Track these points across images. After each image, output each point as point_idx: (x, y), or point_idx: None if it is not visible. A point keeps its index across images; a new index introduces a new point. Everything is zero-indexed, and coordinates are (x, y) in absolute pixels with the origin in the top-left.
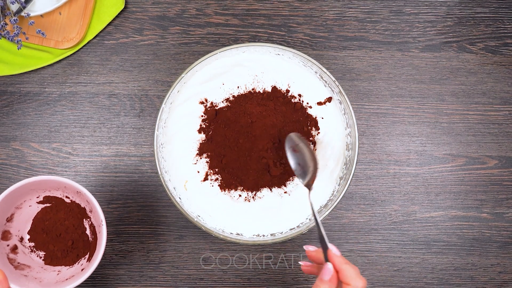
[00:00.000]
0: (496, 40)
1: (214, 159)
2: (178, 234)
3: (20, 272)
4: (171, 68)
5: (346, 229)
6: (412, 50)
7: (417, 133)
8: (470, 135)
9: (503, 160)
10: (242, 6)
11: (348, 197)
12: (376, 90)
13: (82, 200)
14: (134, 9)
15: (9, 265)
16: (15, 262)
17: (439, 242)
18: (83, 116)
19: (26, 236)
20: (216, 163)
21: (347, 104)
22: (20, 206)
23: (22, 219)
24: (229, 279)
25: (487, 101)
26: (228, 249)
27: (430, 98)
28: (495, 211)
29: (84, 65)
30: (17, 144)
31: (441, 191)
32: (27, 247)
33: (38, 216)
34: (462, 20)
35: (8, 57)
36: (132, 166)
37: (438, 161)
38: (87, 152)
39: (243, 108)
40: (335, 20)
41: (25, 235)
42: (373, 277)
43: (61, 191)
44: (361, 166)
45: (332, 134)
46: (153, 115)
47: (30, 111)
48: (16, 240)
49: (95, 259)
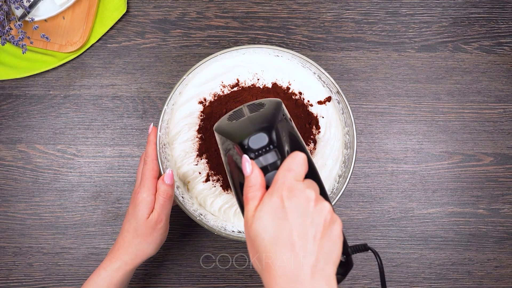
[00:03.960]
0: (490, 39)
1: (213, 161)
2: (181, 233)
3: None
4: (173, 70)
5: (346, 226)
6: (408, 50)
7: (414, 132)
8: (465, 133)
9: (498, 157)
10: (242, 9)
11: (347, 195)
12: (374, 90)
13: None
14: (136, 13)
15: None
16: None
17: (436, 238)
18: (87, 118)
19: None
20: (215, 165)
21: (345, 104)
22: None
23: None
24: (231, 276)
25: (482, 100)
26: (230, 246)
27: (426, 97)
28: (491, 207)
29: (88, 68)
30: (23, 146)
31: (438, 188)
32: None
33: None
34: (457, 20)
35: (13, 61)
36: (135, 167)
37: (434, 158)
38: (92, 153)
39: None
40: (333, 22)
41: None
42: (372, 273)
43: None
44: (360, 164)
45: (331, 133)
46: (156, 116)
47: (35, 113)
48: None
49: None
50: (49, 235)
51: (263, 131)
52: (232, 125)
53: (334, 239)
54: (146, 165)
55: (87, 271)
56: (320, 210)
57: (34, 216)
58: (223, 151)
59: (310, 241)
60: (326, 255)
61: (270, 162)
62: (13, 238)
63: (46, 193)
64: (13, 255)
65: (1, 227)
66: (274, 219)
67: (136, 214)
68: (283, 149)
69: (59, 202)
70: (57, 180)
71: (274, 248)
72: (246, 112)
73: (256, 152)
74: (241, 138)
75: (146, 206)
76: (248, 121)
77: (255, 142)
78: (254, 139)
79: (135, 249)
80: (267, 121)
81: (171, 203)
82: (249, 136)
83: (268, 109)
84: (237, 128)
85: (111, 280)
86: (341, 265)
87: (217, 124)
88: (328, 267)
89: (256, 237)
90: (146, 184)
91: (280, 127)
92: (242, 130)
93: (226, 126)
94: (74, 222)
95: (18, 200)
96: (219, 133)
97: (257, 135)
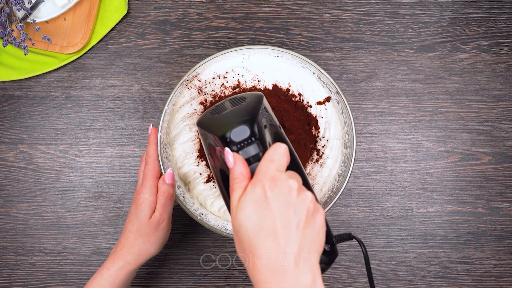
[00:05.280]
0: (488, 39)
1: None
2: (182, 232)
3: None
4: (173, 71)
5: (345, 225)
6: (407, 50)
7: (413, 131)
8: (464, 132)
9: (496, 156)
10: (242, 10)
11: (347, 194)
12: (373, 90)
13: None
14: (137, 14)
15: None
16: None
17: (435, 236)
18: (88, 118)
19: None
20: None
21: (345, 104)
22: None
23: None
24: (232, 275)
25: (481, 99)
26: (230, 246)
27: (425, 97)
28: (490, 205)
29: (89, 69)
30: (25, 146)
31: (437, 187)
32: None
33: None
34: (455, 20)
35: (15, 63)
36: (136, 167)
37: (433, 157)
38: (93, 153)
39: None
40: (332, 22)
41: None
42: (372, 271)
43: None
44: (359, 163)
45: (330, 133)
46: (156, 116)
47: (37, 114)
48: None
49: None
50: (51, 235)
51: (244, 124)
52: (214, 119)
53: (317, 228)
54: (148, 166)
55: (89, 271)
56: (302, 199)
57: (36, 216)
58: (205, 145)
59: (293, 230)
60: (310, 244)
61: (253, 154)
62: (15, 238)
63: (48, 193)
64: (15, 255)
65: (3, 227)
66: (257, 209)
67: (139, 214)
68: (264, 141)
69: (61, 202)
70: (59, 180)
71: (257, 238)
72: (228, 106)
73: (238, 144)
74: (223, 131)
75: (148, 206)
76: (230, 115)
77: (237, 135)
78: (235, 132)
79: (138, 249)
80: (248, 114)
81: (172, 202)
82: (231, 129)
83: (250, 102)
84: (219, 121)
85: (114, 280)
86: (326, 254)
87: (200, 119)
88: (312, 255)
89: (239, 227)
90: (148, 184)
91: (261, 120)
92: (224, 123)
93: (208, 121)
94: (76, 222)
95: (20, 200)
96: (202, 127)
97: (239, 127)
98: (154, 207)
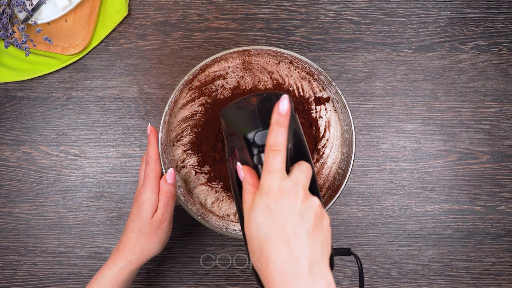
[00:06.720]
0: (486, 39)
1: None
2: (183, 231)
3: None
4: (174, 71)
5: (345, 224)
6: (406, 50)
7: (412, 130)
8: (463, 131)
9: (495, 155)
10: (241, 11)
11: (346, 193)
12: (372, 90)
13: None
14: (137, 16)
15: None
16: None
17: (434, 235)
18: (89, 119)
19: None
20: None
21: (344, 104)
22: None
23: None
24: (232, 274)
25: (479, 99)
26: (231, 245)
27: (423, 97)
28: (488, 204)
29: (90, 70)
30: (27, 147)
31: (436, 186)
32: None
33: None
34: (453, 20)
35: (16, 64)
36: (138, 167)
37: (432, 157)
38: (94, 154)
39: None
40: (331, 23)
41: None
42: (372, 270)
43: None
44: (359, 163)
45: (330, 133)
46: (157, 117)
47: (39, 115)
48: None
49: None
50: (53, 234)
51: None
52: (239, 115)
53: (325, 232)
54: (149, 165)
55: (91, 270)
56: (309, 205)
57: (38, 216)
58: (227, 137)
59: (303, 235)
60: (321, 248)
61: None
62: (17, 238)
63: (50, 194)
64: (18, 254)
65: (6, 228)
66: (265, 218)
67: (141, 214)
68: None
69: (63, 202)
70: (60, 180)
71: (269, 246)
72: (255, 104)
73: (260, 147)
74: (248, 131)
75: (150, 205)
76: (257, 114)
77: (261, 138)
78: (260, 135)
79: (140, 249)
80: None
81: (174, 202)
82: (257, 131)
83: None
84: (245, 119)
85: (116, 280)
86: None
87: (225, 110)
88: (324, 259)
89: (252, 237)
90: (150, 184)
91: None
92: (249, 122)
93: (234, 115)
94: (77, 222)
95: (22, 201)
96: (226, 121)
97: (264, 131)
98: (156, 206)
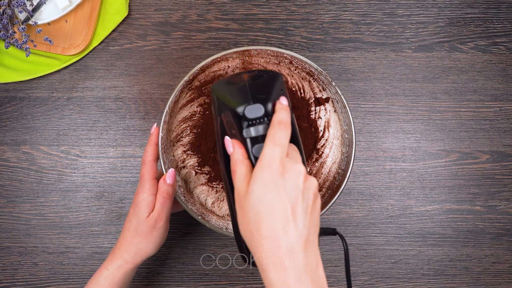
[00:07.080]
0: (485, 39)
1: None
2: (183, 231)
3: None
4: (174, 72)
5: (345, 224)
6: (405, 50)
7: (411, 130)
8: (462, 131)
9: (494, 155)
10: (241, 11)
11: (346, 193)
12: (372, 90)
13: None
14: (138, 16)
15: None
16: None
17: (434, 234)
18: (90, 119)
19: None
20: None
21: (344, 104)
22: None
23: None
24: (233, 274)
25: (478, 98)
26: (231, 245)
27: (423, 96)
28: (488, 204)
29: (90, 71)
30: (27, 147)
31: (435, 185)
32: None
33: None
34: (453, 20)
35: (17, 64)
36: (138, 167)
37: (432, 156)
38: (95, 154)
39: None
40: (331, 23)
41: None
42: (372, 269)
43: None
44: (358, 162)
45: (330, 133)
46: (157, 117)
47: (39, 115)
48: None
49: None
50: (54, 234)
51: (260, 102)
52: (230, 90)
53: (318, 212)
54: (144, 166)
55: (91, 270)
56: (309, 185)
57: (38, 216)
58: (216, 111)
59: (303, 215)
60: (315, 228)
61: (261, 134)
62: (18, 238)
63: (51, 194)
64: (19, 254)
65: (6, 228)
66: (268, 192)
67: (137, 213)
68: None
69: (63, 202)
70: (61, 180)
71: (268, 222)
72: (246, 79)
73: (250, 121)
74: (238, 104)
75: (146, 205)
76: (247, 89)
77: (251, 112)
78: (250, 108)
79: (135, 248)
80: (265, 92)
81: (171, 202)
82: (247, 104)
83: (268, 80)
84: (235, 94)
85: (113, 279)
86: None
87: (215, 85)
88: (316, 239)
89: (250, 210)
90: (146, 184)
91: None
92: (239, 96)
93: (223, 90)
94: (78, 222)
95: (23, 201)
96: (217, 95)
97: (254, 105)
98: (152, 206)
